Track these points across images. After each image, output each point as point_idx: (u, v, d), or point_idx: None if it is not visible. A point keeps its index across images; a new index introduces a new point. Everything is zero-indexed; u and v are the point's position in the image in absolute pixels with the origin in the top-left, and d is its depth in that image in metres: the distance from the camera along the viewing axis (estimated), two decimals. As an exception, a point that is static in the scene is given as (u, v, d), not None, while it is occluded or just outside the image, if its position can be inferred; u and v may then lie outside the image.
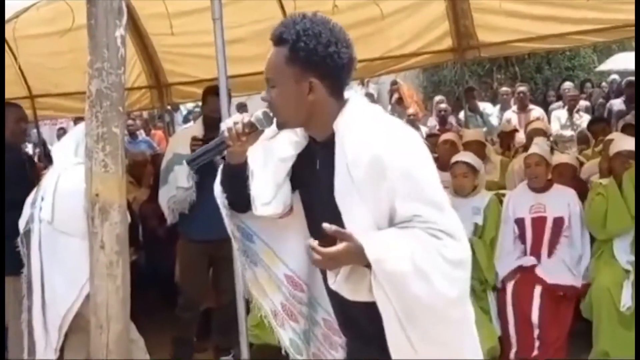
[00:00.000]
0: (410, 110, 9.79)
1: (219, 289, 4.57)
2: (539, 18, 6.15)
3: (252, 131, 1.84)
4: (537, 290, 4.11)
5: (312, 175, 1.87)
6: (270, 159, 1.92)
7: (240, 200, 1.96)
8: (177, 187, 4.32)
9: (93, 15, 2.11)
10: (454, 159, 4.72)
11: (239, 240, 2.05)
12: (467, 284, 1.70)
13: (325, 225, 1.68)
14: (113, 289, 2.11)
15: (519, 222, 4.41)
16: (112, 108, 2.10)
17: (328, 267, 1.72)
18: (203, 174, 4.33)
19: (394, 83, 10.75)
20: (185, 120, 11.99)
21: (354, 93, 1.89)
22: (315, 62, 1.73)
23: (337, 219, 1.72)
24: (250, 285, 2.07)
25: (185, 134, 4.49)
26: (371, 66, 6.91)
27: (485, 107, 8.88)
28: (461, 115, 8.84)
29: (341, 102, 1.81)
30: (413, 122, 9.33)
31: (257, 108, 1.96)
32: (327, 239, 1.70)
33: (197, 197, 4.34)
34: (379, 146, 1.68)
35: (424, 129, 9.47)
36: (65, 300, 3.00)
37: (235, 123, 1.83)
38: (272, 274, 2.04)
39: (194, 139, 4.32)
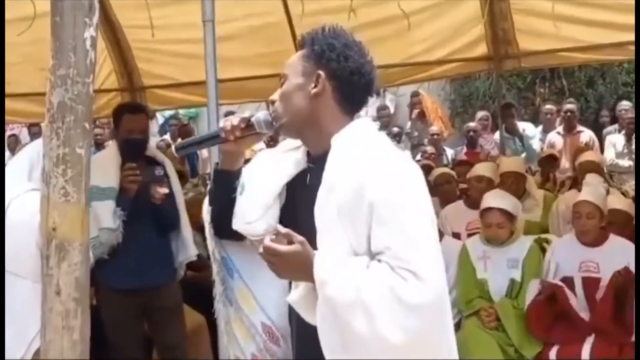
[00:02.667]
0: (434, 128, 9.82)
1: (164, 345, 4.55)
2: (593, 24, 6.18)
3: (249, 130, 2.07)
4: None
5: (302, 192, 2.06)
6: (268, 174, 2.11)
7: (225, 218, 2.14)
8: (100, 229, 4.29)
9: (58, 10, 2.11)
10: (487, 202, 4.68)
11: (219, 265, 2.24)
12: (422, 332, 1.81)
13: (278, 225, 1.93)
14: (69, 345, 2.09)
15: (567, 282, 4.37)
16: (76, 124, 2.09)
17: (272, 265, 1.92)
18: (132, 210, 4.32)
19: (416, 94, 10.79)
20: (162, 130, 12.04)
21: (365, 117, 2.10)
22: (329, 57, 2.00)
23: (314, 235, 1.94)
24: (221, 323, 2.25)
25: (101, 162, 4.42)
26: (389, 74, 6.97)
27: (525, 127, 8.90)
28: (496, 136, 8.85)
29: (347, 118, 2.05)
30: (437, 142, 9.36)
31: None
32: None
33: (123, 238, 4.34)
34: (366, 172, 1.89)
35: (450, 152, 9.48)
36: (11, 357, 2.97)
37: (235, 117, 2.09)
38: (247, 320, 2.19)
39: (129, 168, 4.30)
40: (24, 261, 2.88)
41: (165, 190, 4.42)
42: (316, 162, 2.04)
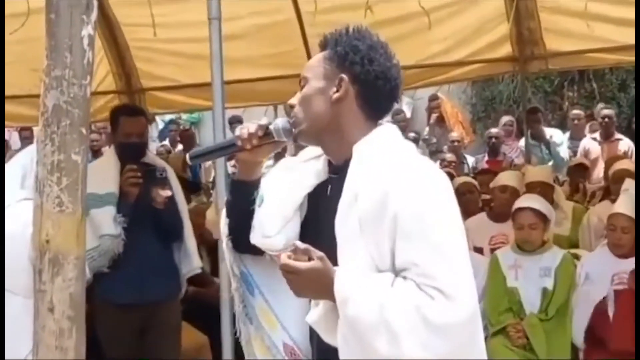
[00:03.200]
0: (454, 134, 9.81)
1: None
2: (626, 23, 6.15)
3: (267, 138, 2.08)
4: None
5: (323, 204, 2.07)
6: (289, 186, 2.12)
7: (242, 231, 2.16)
8: (100, 236, 4.30)
9: (54, 7, 2.11)
10: (519, 203, 4.74)
11: (238, 281, 2.25)
12: (450, 354, 1.81)
13: (297, 242, 1.94)
14: (62, 366, 2.08)
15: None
16: (72, 129, 2.09)
17: (290, 282, 1.94)
18: (133, 217, 4.33)
19: (434, 98, 10.78)
20: (162, 135, 12.07)
21: (389, 124, 2.11)
22: (352, 60, 2.02)
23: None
24: (242, 342, 2.27)
25: (97, 168, 4.48)
26: (405, 75, 6.84)
27: (552, 134, 8.87)
28: (521, 143, 8.83)
29: (371, 124, 2.05)
30: (457, 149, 9.34)
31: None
32: None
33: (124, 248, 4.37)
34: (390, 181, 1.90)
35: (471, 159, 9.46)
36: (2, 377, 2.97)
37: (252, 124, 2.11)
38: (268, 339, 2.18)
39: (130, 169, 4.31)
40: (15, 276, 2.88)
41: (167, 192, 4.44)
42: (338, 172, 2.05)
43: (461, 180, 6.22)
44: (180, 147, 10.18)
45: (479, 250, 5.36)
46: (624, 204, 4.50)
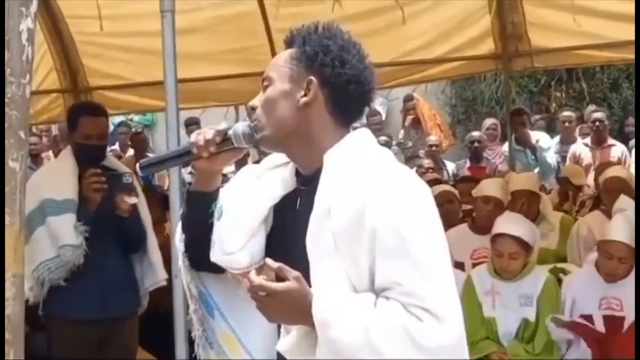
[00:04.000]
0: (432, 138, 9.86)
1: None
2: (618, 17, 6.23)
3: (226, 144, 2.07)
4: None
5: (291, 218, 2.06)
6: (252, 196, 2.10)
7: (200, 247, 2.14)
8: (60, 246, 4.29)
9: (-11, -2, 2.10)
10: (499, 227, 4.66)
11: (197, 302, 2.23)
12: None
13: (268, 260, 1.94)
14: (-2, 396, 2.05)
15: (586, 320, 4.40)
16: (10, 133, 2.08)
17: (262, 306, 1.92)
18: (94, 226, 4.31)
19: (410, 99, 10.83)
20: (111, 139, 11.98)
21: (363, 129, 2.11)
22: (322, 62, 2.01)
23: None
24: None
25: (55, 172, 4.48)
26: (379, 74, 6.89)
27: (538, 137, 8.95)
28: (504, 148, 8.89)
29: (342, 130, 2.05)
30: (435, 154, 9.39)
31: (211, 125, 2.19)
32: None
33: (83, 259, 4.35)
34: (366, 194, 1.89)
35: (451, 166, 9.51)
36: None
37: (208, 130, 2.11)
38: None
39: (94, 174, 4.30)
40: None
41: (134, 199, 4.43)
42: (307, 183, 2.05)
43: (440, 189, 6.22)
44: (131, 152, 10.12)
45: (459, 265, 5.34)
46: (621, 229, 4.39)
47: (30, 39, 2.07)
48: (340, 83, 2.01)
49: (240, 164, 4.63)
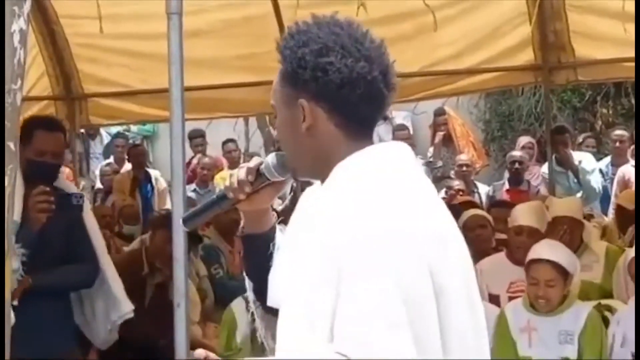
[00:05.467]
0: (463, 157, 9.85)
1: None
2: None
3: (260, 181, 2.09)
4: None
5: None
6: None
7: (265, 289, 2.18)
8: None
9: (-21, -4, 2.12)
10: (534, 253, 4.67)
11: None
12: None
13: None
14: None
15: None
16: (-1, 143, 2.09)
17: None
18: (35, 251, 4.30)
19: (441, 113, 10.84)
20: (107, 152, 12.04)
21: (393, 143, 2.07)
22: (303, 78, 1.95)
23: None
24: None
25: None
26: (405, 85, 6.99)
27: (582, 158, 8.92)
28: (544, 169, 8.88)
29: (358, 142, 1.97)
30: (466, 175, 9.38)
31: (220, 139, 2.16)
32: None
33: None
34: (340, 225, 1.83)
35: (484, 188, 9.48)
36: None
37: (240, 169, 2.11)
38: None
39: (42, 192, 4.30)
40: None
41: None
42: None
43: (471, 213, 6.20)
44: (128, 166, 10.16)
45: (494, 298, 5.30)
46: None
47: (22, 41, 2.09)
48: (331, 92, 1.93)
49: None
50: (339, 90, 1.93)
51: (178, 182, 3.82)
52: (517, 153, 9.33)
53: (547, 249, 4.69)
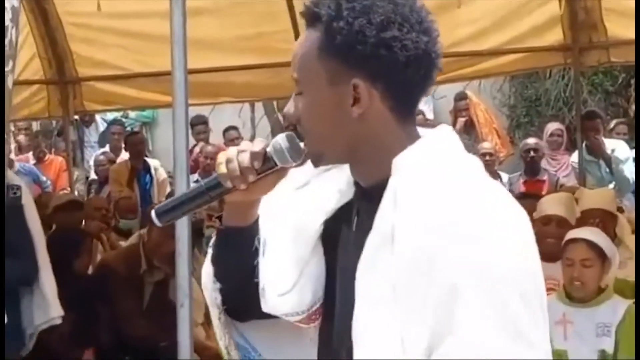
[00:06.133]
0: (486, 146, 9.83)
1: None
2: None
3: (265, 167, 1.89)
4: None
5: (345, 240, 1.93)
6: (301, 212, 1.97)
7: (244, 296, 2.02)
8: None
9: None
10: (571, 234, 4.72)
11: None
12: None
13: None
14: None
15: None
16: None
17: None
18: None
19: (462, 97, 10.82)
20: (103, 140, 12.07)
21: (443, 127, 1.92)
22: (362, 52, 1.79)
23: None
24: None
25: None
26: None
27: (614, 146, 8.90)
28: (573, 158, 8.86)
29: (410, 129, 1.87)
30: (489, 165, 9.34)
31: (223, 126, 2.02)
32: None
33: None
34: (444, 229, 1.69)
35: (506, 178, 9.49)
36: None
37: (240, 153, 1.88)
38: None
39: None
40: None
41: None
42: (371, 198, 1.85)
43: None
44: (125, 155, 10.18)
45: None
46: None
47: (14, 20, 2.08)
48: (393, 72, 1.80)
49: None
50: (404, 70, 1.80)
51: (181, 172, 3.77)
52: (531, 140, 9.29)
53: (583, 231, 4.80)
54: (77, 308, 5.42)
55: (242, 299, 2.03)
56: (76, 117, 9.66)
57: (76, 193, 9.47)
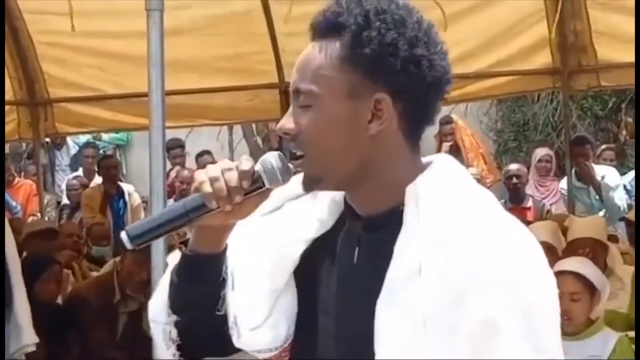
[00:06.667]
0: (472, 171, 9.84)
1: None
2: None
3: (254, 189, 1.81)
4: None
5: (330, 276, 1.88)
6: (275, 246, 1.89)
7: (201, 327, 1.94)
8: None
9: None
10: (558, 266, 4.70)
11: None
12: None
13: None
14: None
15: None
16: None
17: None
18: None
19: (447, 121, 10.84)
20: (75, 163, 12.02)
21: (445, 156, 1.89)
22: (391, 66, 1.75)
23: (366, 347, 1.74)
24: None
25: None
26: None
27: (605, 173, 8.93)
28: (562, 184, 8.87)
29: (417, 156, 1.84)
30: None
31: (198, 149, 1.91)
32: None
33: None
34: (474, 262, 1.69)
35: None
36: None
37: (226, 171, 1.79)
38: None
39: None
40: None
41: None
42: (375, 228, 1.82)
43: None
44: (98, 179, 10.14)
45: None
46: None
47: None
48: (419, 92, 1.77)
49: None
50: (427, 91, 1.77)
51: (158, 198, 3.72)
52: (514, 166, 9.30)
53: (571, 262, 4.75)
54: (48, 338, 5.39)
55: (201, 332, 1.94)
56: (47, 140, 9.61)
57: (47, 218, 9.42)
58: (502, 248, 1.71)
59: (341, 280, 1.85)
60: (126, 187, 9.66)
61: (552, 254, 5.43)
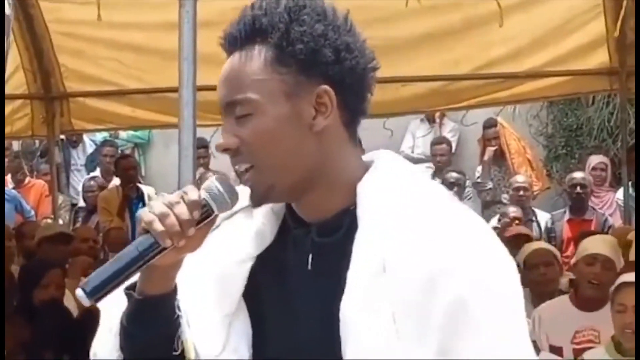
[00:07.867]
0: (519, 179, 9.84)
1: None
2: None
3: (204, 218, 1.86)
4: None
5: (279, 288, 1.95)
6: (220, 270, 1.96)
7: None
8: None
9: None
10: (623, 278, 4.73)
11: None
12: None
13: None
14: None
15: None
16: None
17: None
18: None
19: (492, 124, 10.83)
20: (91, 163, 12.04)
21: (385, 151, 1.98)
22: (326, 56, 1.86)
23: (332, 351, 1.82)
24: None
25: None
26: (452, 90, 7.02)
27: (668, 184, 8.89)
28: (619, 195, 8.83)
29: (358, 151, 1.96)
30: (523, 200, 9.35)
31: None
32: None
33: None
34: (438, 251, 1.80)
35: (544, 217, 9.46)
36: None
37: (174, 205, 1.82)
38: None
39: None
40: None
41: None
42: (329, 233, 1.90)
43: (534, 247, 6.16)
44: (116, 180, 10.17)
45: (557, 350, 5.25)
46: None
47: (4, 27, 2.10)
48: (354, 81, 1.88)
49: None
50: (360, 77, 1.90)
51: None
52: (578, 174, 9.30)
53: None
54: (67, 351, 5.41)
55: None
56: (62, 136, 9.65)
57: (60, 221, 9.46)
58: (463, 235, 1.82)
59: (296, 289, 1.93)
60: (146, 189, 9.68)
61: (612, 268, 5.41)
